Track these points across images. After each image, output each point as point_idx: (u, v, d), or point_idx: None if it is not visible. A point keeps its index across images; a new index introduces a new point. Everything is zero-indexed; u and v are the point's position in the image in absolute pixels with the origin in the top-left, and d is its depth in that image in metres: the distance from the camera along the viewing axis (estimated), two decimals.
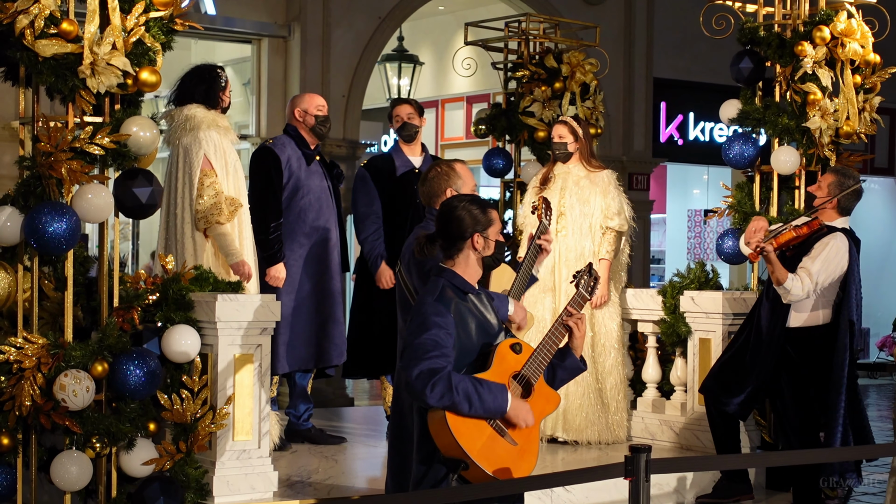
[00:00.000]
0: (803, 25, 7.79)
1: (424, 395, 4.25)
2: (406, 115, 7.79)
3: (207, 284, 5.95)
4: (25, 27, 5.38)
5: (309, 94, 7.65)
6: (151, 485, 5.56)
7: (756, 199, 7.92)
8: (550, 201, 5.96)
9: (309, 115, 7.45)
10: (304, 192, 7.38)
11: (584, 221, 7.65)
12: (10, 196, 5.61)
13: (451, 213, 4.57)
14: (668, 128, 15.23)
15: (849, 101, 7.71)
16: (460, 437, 4.29)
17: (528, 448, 4.46)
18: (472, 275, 4.57)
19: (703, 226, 17.70)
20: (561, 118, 7.94)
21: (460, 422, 4.31)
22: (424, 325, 4.36)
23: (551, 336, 4.56)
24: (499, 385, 4.38)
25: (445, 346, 4.33)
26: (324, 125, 7.50)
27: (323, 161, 7.62)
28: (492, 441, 4.37)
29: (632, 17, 13.81)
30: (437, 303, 4.42)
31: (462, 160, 5.75)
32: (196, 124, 6.67)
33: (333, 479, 6.60)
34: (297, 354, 7.28)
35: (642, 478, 4.14)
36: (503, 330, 4.67)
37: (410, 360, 4.31)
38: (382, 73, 14.84)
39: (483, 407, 4.31)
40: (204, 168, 6.60)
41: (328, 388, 11.27)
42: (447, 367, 4.29)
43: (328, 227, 7.47)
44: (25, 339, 5.44)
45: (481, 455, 4.32)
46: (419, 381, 4.26)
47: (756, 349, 6.76)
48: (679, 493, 7.13)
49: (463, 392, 4.27)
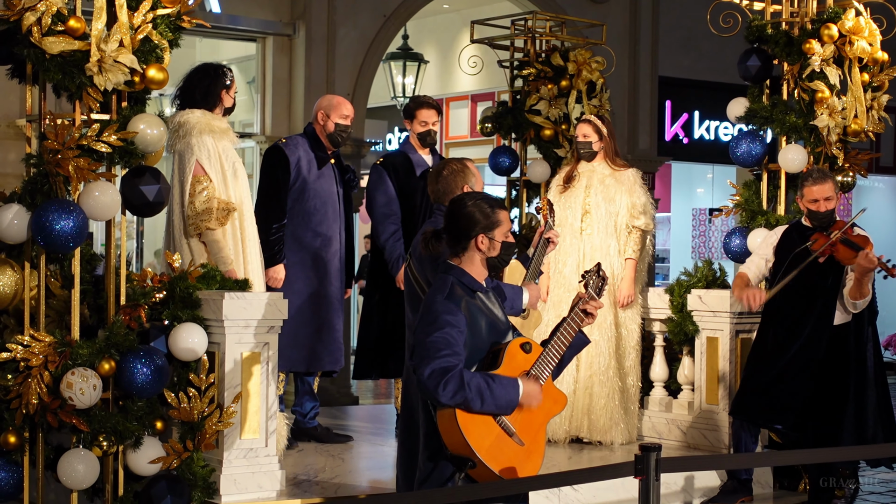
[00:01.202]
0: (811, 23, 7.78)
1: (437, 393, 4.23)
2: (433, 122, 7.68)
3: (214, 282, 5.93)
4: (32, 24, 5.37)
5: (339, 101, 7.50)
6: (158, 483, 5.55)
7: (763, 197, 7.91)
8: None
9: (331, 121, 7.37)
10: (311, 194, 7.30)
11: (609, 220, 7.62)
12: (17, 194, 5.60)
13: (459, 211, 4.54)
14: (673, 126, 15.21)
15: (857, 99, 7.70)
16: (469, 435, 4.28)
17: (534, 448, 4.45)
18: (479, 274, 4.55)
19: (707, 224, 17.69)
20: (585, 116, 7.91)
21: (469, 419, 4.30)
22: (436, 324, 4.34)
23: (560, 337, 4.54)
24: (510, 379, 4.38)
25: (457, 344, 4.31)
26: (343, 134, 7.40)
27: (338, 165, 7.53)
28: (500, 440, 4.36)
29: (637, 14, 13.79)
30: (447, 301, 4.40)
31: (469, 159, 5.75)
32: (188, 130, 6.58)
33: (340, 478, 6.59)
34: (287, 356, 7.14)
35: (652, 477, 4.13)
36: (511, 328, 4.65)
37: (422, 358, 4.29)
38: (387, 72, 14.83)
39: (495, 402, 4.30)
40: (196, 174, 6.53)
41: (333, 387, 11.26)
42: (459, 364, 4.28)
43: (332, 233, 7.38)
44: (32, 338, 5.43)
45: (489, 454, 4.31)
46: (431, 379, 4.24)
47: (800, 356, 6.76)
48: (686, 492, 7.12)
49: (475, 388, 4.26)
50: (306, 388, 7.55)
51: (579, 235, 7.62)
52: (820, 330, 6.72)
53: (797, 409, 6.72)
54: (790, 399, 6.72)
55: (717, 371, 7.58)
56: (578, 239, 7.63)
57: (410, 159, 7.70)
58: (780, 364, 6.75)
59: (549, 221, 5.86)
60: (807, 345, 6.72)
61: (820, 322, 6.72)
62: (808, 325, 6.73)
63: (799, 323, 6.75)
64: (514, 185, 9.25)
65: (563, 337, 4.55)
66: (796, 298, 6.74)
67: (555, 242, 5.75)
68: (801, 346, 6.73)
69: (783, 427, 6.82)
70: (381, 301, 7.66)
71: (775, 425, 6.87)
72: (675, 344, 7.93)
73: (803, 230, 6.87)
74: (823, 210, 6.74)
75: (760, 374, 6.86)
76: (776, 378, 6.76)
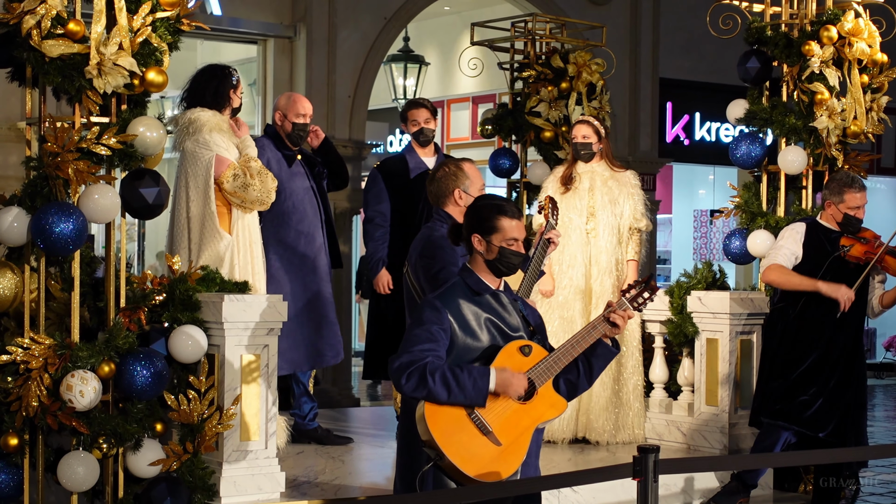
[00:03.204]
0: (810, 25, 7.78)
1: (400, 384, 4.29)
2: (423, 120, 7.75)
3: (214, 285, 5.94)
4: (32, 27, 5.38)
5: (295, 98, 7.41)
6: (158, 485, 5.56)
7: (763, 199, 7.92)
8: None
9: (288, 121, 7.30)
10: (287, 194, 7.23)
11: (613, 222, 7.64)
12: (17, 196, 5.61)
13: (469, 210, 4.62)
14: (674, 128, 15.21)
15: (856, 101, 7.70)
16: (434, 427, 4.28)
17: (512, 450, 4.38)
18: (487, 274, 4.56)
19: (709, 226, 17.69)
20: (582, 118, 7.90)
21: (437, 412, 4.29)
22: (418, 321, 4.40)
23: (575, 344, 4.45)
24: (481, 368, 4.34)
25: (435, 340, 4.33)
26: (301, 133, 7.33)
27: (305, 160, 7.48)
28: (470, 437, 4.32)
29: (638, 17, 13.79)
30: (435, 299, 4.44)
31: (470, 159, 5.73)
32: (199, 128, 6.56)
33: (340, 480, 6.59)
34: (290, 357, 7.14)
35: (650, 478, 4.12)
36: (531, 333, 4.59)
37: (398, 352, 4.36)
38: (388, 74, 14.84)
39: (463, 392, 4.28)
40: (226, 164, 6.47)
41: (334, 389, 11.26)
42: (427, 357, 4.29)
43: (313, 230, 7.35)
44: (32, 340, 5.43)
45: (455, 449, 4.28)
46: (397, 371, 4.29)
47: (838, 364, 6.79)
48: (686, 493, 7.12)
49: (440, 378, 4.26)
50: (302, 390, 7.54)
51: (586, 237, 7.63)
52: (855, 337, 6.80)
53: (839, 417, 6.77)
54: (833, 409, 6.76)
55: (717, 373, 7.58)
56: (585, 241, 7.63)
57: (407, 162, 7.75)
58: (822, 375, 6.76)
59: (551, 221, 5.80)
60: (846, 352, 6.78)
61: (853, 329, 6.79)
62: (844, 331, 6.76)
63: (836, 330, 6.76)
64: (515, 187, 9.25)
65: (579, 343, 4.45)
66: (831, 303, 6.72)
67: (555, 243, 5.67)
68: (841, 355, 6.77)
69: (829, 434, 6.78)
70: (388, 302, 7.68)
71: (819, 433, 6.79)
72: (675, 345, 7.94)
73: (827, 232, 6.83)
74: (861, 216, 6.77)
75: (819, 381, 6.79)
76: (828, 387, 6.77)
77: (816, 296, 6.68)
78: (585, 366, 4.54)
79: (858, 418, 6.84)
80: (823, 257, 6.72)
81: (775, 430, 6.82)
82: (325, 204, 7.49)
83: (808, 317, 6.79)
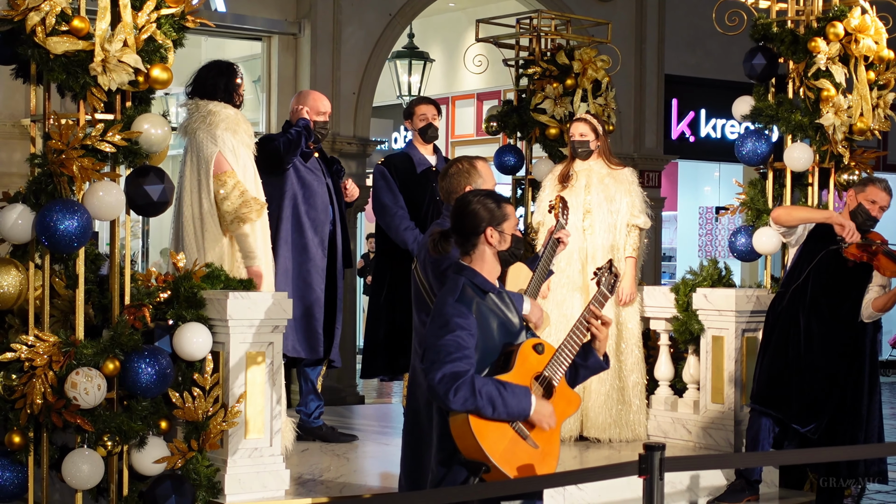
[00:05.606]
0: (817, 21, 7.75)
1: (447, 399, 4.19)
2: (432, 116, 7.79)
3: (219, 282, 5.93)
4: (36, 24, 5.38)
5: (315, 96, 7.48)
6: (163, 483, 5.55)
7: (769, 195, 7.89)
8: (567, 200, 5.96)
9: (309, 119, 7.32)
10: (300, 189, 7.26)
11: (610, 219, 7.63)
12: (22, 194, 5.61)
13: (465, 208, 4.52)
14: (679, 125, 15.19)
15: (862, 98, 7.67)
16: (483, 440, 4.24)
17: (549, 451, 4.42)
18: (491, 271, 4.52)
19: (714, 223, 17.68)
20: (579, 116, 7.90)
21: (483, 425, 4.26)
22: (447, 327, 4.29)
23: (573, 336, 4.49)
24: (522, 388, 4.33)
25: (468, 347, 4.27)
26: (322, 131, 7.39)
27: (322, 157, 7.52)
28: (514, 444, 4.33)
29: (643, 13, 13.77)
30: (458, 303, 4.35)
31: (484, 158, 5.69)
32: (216, 122, 6.51)
33: (345, 478, 6.58)
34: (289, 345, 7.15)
35: (656, 476, 4.12)
36: (524, 329, 4.61)
37: (433, 362, 4.24)
38: (393, 71, 14.83)
39: (507, 410, 4.26)
40: (224, 168, 6.46)
41: (339, 386, 11.26)
42: (470, 370, 4.23)
43: (322, 228, 7.35)
44: (37, 337, 5.43)
45: (503, 458, 4.28)
46: (442, 384, 4.19)
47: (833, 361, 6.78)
48: (692, 491, 7.10)
49: (487, 396, 4.22)
50: (310, 388, 7.55)
51: (582, 234, 7.63)
52: (855, 337, 6.79)
53: (829, 412, 6.74)
54: (816, 406, 6.73)
55: (723, 370, 7.56)
56: (581, 238, 7.63)
57: (412, 158, 7.75)
58: (817, 369, 6.75)
59: (561, 220, 5.78)
60: (835, 350, 6.76)
61: (852, 328, 6.77)
62: (838, 329, 6.74)
63: (831, 326, 6.75)
64: (520, 184, 9.23)
65: (575, 335, 4.50)
66: (833, 296, 6.72)
67: (565, 243, 5.66)
68: (830, 352, 6.75)
69: (811, 431, 6.76)
70: (388, 299, 7.67)
71: (806, 427, 6.79)
72: (681, 343, 7.92)
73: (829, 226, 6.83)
74: (877, 216, 6.75)
75: (803, 373, 6.79)
76: (813, 381, 6.74)
77: (805, 283, 6.71)
78: (572, 371, 4.58)
79: (853, 421, 6.77)
80: (822, 248, 6.73)
81: (756, 418, 6.86)
82: (340, 202, 7.49)
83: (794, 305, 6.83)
